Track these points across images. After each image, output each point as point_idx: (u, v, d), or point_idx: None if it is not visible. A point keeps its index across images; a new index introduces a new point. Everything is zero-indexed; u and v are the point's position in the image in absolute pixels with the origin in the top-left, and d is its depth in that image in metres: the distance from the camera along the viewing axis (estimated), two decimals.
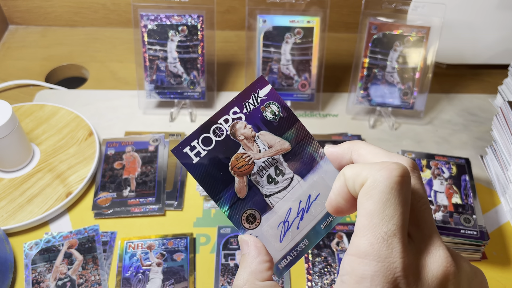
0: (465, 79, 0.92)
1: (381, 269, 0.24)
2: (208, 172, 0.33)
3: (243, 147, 0.34)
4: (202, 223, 0.66)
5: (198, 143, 0.33)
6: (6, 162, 0.67)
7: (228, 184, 0.33)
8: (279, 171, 0.34)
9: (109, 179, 0.69)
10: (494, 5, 0.81)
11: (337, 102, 0.85)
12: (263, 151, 0.34)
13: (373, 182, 0.25)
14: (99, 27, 0.99)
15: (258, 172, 0.34)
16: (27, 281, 0.59)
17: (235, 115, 0.34)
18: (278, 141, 0.35)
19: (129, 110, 0.82)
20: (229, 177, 0.34)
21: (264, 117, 0.34)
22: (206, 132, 0.33)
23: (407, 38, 0.75)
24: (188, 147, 0.33)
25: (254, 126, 0.34)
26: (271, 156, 0.34)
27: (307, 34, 0.76)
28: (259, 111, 0.34)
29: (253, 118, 0.34)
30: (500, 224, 0.68)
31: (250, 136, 0.34)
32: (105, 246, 0.63)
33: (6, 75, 0.88)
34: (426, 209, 0.27)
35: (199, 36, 0.76)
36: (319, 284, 0.59)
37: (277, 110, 0.35)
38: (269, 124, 0.34)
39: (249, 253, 0.32)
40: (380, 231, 0.24)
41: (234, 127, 0.34)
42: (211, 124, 0.33)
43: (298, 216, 0.34)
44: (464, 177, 0.66)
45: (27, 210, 0.64)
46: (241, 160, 0.34)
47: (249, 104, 0.34)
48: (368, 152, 0.30)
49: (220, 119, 0.34)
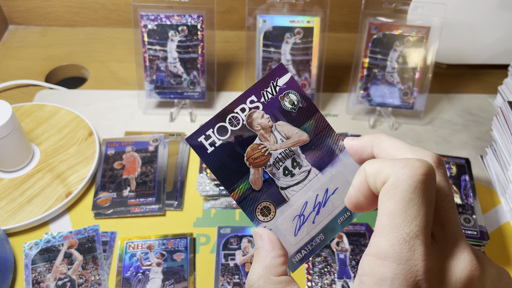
0: (465, 79, 0.92)
1: (402, 271, 0.23)
2: (222, 162, 0.32)
3: (260, 138, 0.33)
4: (202, 223, 0.66)
5: (213, 132, 0.32)
6: (6, 162, 0.67)
7: (243, 175, 0.32)
8: (296, 163, 0.33)
9: (109, 179, 0.69)
10: (494, 5, 0.81)
11: (337, 102, 0.85)
12: (280, 142, 0.33)
13: (396, 181, 0.24)
14: (99, 27, 0.99)
15: (274, 163, 0.33)
16: (27, 281, 0.59)
17: (252, 104, 0.33)
18: (296, 132, 0.33)
19: (129, 110, 0.82)
20: (244, 168, 0.32)
21: (282, 106, 0.33)
22: (222, 121, 0.32)
23: (407, 38, 0.75)
24: (203, 136, 0.32)
25: (271, 116, 0.33)
26: (288, 148, 0.33)
27: (307, 34, 0.76)
28: (277, 101, 0.33)
29: (270, 108, 0.33)
30: (500, 224, 0.68)
31: (267, 127, 0.33)
32: (105, 246, 0.63)
33: (6, 75, 0.88)
34: (451, 208, 0.26)
35: (199, 36, 0.76)
36: (319, 284, 0.59)
37: (296, 99, 0.33)
38: (287, 114, 0.33)
39: (263, 247, 0.31)
40: (402, 232, 0.24)
41: (251, 117, 0.33)
42: (227, 113, 0.32)
43: (314, 210, 0.33)
44: (464, 177, 0.66)
45: (27, 210, 0.64)
46: (257, 151, 0.33)
47: (267, 93, 0.33)
48: (390, 146, 0.28)
49: (236, 108, 0.32)
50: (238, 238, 0.63)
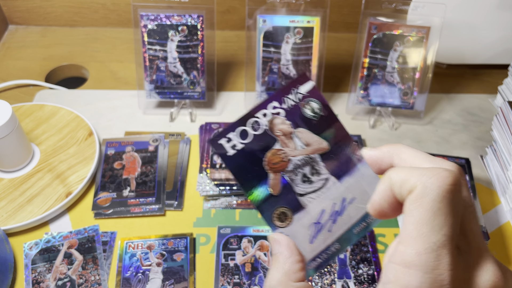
0: (465, 79, 0.92)
1: (428, 280, 0.23)
2: (242, 165, 0.33)
3: (280, 143, 0.34)
4: (202, 223, 0.66)
5: (234, 135, 0.33)
6: (6, 162, 0.67)
7: (261, 179, 0.33)
8: (315, 171, 0.34)
9: (109, 179, 0.69)
10: (494, 5, 0.81)
11: (337, 102, 0.85)
12: (300, 149, 0.34)
13: (424, 190, 0.24)
14: (99, 27, 0.99)
15: (293, 170, 0.34)
16: (27, 281, 0.59)
17: (274, 109, 0.33)
18: (316, 140, 0.34)
19: (129, 110, 0.82)
20: (263, 172, 0.33)
21: (303, 114, 0.34)
22: (243, 125, 0.33)
23: (407, 38, 0.75)
24: (225, 139, 0.33)
25: (292, 123, 0.34)
26: (307, 155, 0.34)
27: (307, 34, 0.76)
28: (298, 108, 0.34)
29: (292, 114, 0.33)
30: (500, 224, 0.68)
31: (288, 133, 0.34)
32: (105, 246, 0.63)
33: (6, 75, 0.88)
34: (473, 219, 0.26)
35: (199, 36, 0.76)
36: (319, 284, 0.59)
37: (318, 108, 0.34)
38: (308, 122, 0.34)
39: (281, 252, 0.31)
40: (428, 241, 0.24)
41: (273, 122, 0.33)
42: (249, 118, 0.33)
43: (331, 219, 0.33)
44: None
45: (27, 210, 0.64)
46: (277, 156, 0.34)
47: (289, 100, 0.34)
48: (410, 157, 0.29)
49: (258, 113, 0.33)
50: (238, 238, 0.63)
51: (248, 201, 0.68)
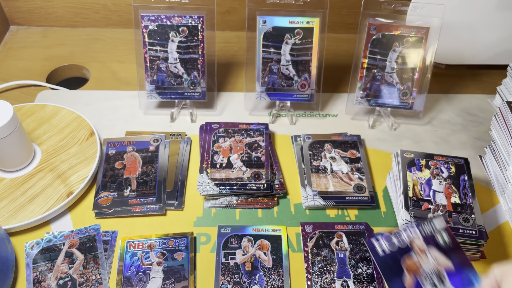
0: (464, 80, 0.92)
1: None
2: (387, 263, 0.51)
3: (416, 255, 0.51)
4: (202, 222, 0.66)
5: (384, 243, 0.52)
6: (8, 162, 0.67)
7: (399, 276, 0.50)
8: (441, 280, 0.50)
9: (110, 178, 0.70)
10: (493, 5, 0.82)
11: (337, 102, 0.86)
12: (431, 263, 0.50)
13: None
14: (100, 27, 0.99)
15: (425, 276, 0.50)
16: (28, 280, 0.59)
17: (415, 234, 0.53)
18: (444, 259, 0.51)
19: (130, 110, 0.82)
20: (400, 269, 0.50)
21: (436, 240, 0.52)
22: (393, 238, 0.52)
23: (406, 38, 0.76)
24: (378, 244, 0.52)
25: (427, 244, 0.52)
26: (436, 268, 0.50)
27: (307, 35, 0.76)
28: (433, 236, 0.52)
29: (427, 239, 0.52)
30: (498, 224, 0.68)
31: (423, 250, 0.51)
32: (106, 245, 0.63)
33: (7, 76, 0.88)
34: None
35: (200, 37, 0.76)
36: (318, 283, 0.60)
37: (448, 241, 0.52)
38: (438, 246, 0.52)
39: None
40: None
41: (414, 243, 0.52)
42: (396, 236, 0.52)
43: None
44: (463, 177, 0.67)
45: (29, 210, 0.64)
46: (412, 261, 0.51)
47: (426, 229, 0.53)
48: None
49: (403, 235, 0.53)
50: (238, 238, 0.64)
51: (248, 201, 0.69)
